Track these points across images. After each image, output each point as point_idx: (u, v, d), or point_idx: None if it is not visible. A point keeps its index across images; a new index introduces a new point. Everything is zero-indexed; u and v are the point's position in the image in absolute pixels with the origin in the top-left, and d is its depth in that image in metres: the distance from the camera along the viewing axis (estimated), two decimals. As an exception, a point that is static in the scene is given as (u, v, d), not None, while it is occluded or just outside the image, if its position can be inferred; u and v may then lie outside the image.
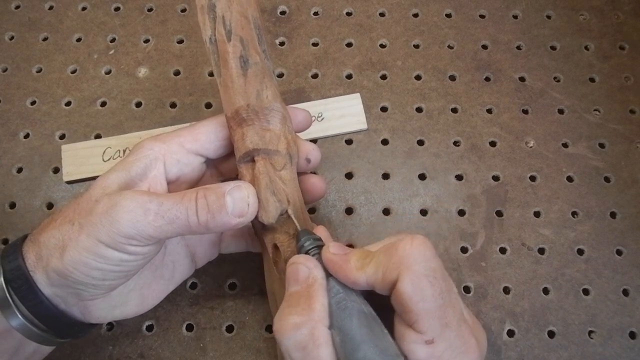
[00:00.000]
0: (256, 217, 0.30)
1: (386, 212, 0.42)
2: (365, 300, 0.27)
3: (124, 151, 0.42)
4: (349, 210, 0.42)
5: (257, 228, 0.33)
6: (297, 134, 0.35)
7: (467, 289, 0.39)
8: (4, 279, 0.28)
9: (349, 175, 0.43)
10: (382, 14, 0.49)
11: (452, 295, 0.25)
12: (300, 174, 0.34)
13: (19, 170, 0.43)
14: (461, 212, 0.42)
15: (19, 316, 0.28)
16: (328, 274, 0.27)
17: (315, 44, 0.47)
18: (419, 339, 0.24)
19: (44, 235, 0.28)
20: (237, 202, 0.28)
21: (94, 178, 0.39)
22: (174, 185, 0.32)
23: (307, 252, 0.29)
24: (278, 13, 0.49)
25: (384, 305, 0.26)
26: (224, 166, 0.35)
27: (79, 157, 0.42)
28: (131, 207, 0.27)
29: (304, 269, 0.27)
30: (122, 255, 0.28)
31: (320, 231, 0.31)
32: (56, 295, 0.29)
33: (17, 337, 0.29)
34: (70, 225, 0.28)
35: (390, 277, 0.25)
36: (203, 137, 0.32)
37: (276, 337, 0.26)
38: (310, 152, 0.33)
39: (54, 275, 0.28)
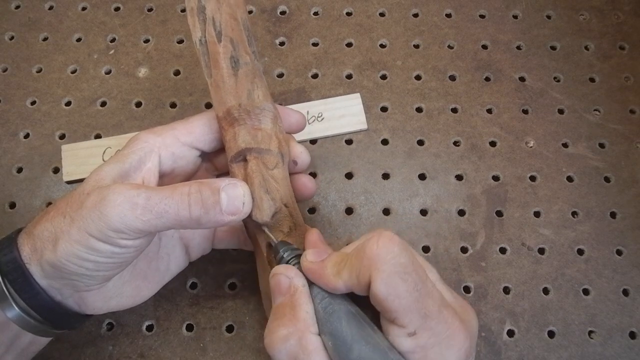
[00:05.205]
0: (250, 216, 0.30)
1: (386, 212, 0.42)
2: (351, 300, 0.27)
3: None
4: (349, 210, 0.42)
5: (250, 227, 0.33)
6: (292, 135, 0.35)
7: (467, 289, 0.39)
8: (0, 272, 0.28)
9: (349, 175, 0.43)
10: (382, 14, 0.49)
11: (428, 284, 0.25)
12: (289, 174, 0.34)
13: (19, 170, 0.43)
14: (461, 212, 0.42)
15: (16, 308, 0.28)
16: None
17: (315, 44, 0.47)
18: (402, 332, 0.24)
19: (38, 228, 0.28)
20: (231, 199, 0.28)
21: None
22: (168, 178, 0.32)
23: (287, 263, 0.29)
24: (278, 13, 0.49)
25: (370, 302, 0.26)
26: (219, 161, 0.35)
27: (79, 157, 0.42)
28: (119, 201, 0.27)
29: (284, 279, 0.27)
30: (113, 249, 0.27)
31: (313, 234, 0.31)
32: (51, 287, 0.29)
33: (13, 329, 0.29)
34: (62, 218, 0.28)
35: (364, 280, 0.25)
36: (198, 130, 0.32)
37: (268, 353, 0.26)
38: (298, 155, 0.33)
39: (47, 267, 0.28)
